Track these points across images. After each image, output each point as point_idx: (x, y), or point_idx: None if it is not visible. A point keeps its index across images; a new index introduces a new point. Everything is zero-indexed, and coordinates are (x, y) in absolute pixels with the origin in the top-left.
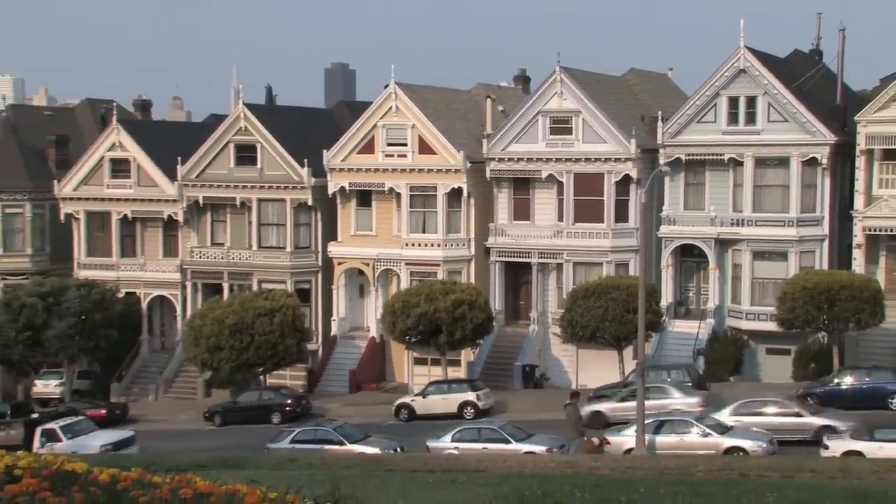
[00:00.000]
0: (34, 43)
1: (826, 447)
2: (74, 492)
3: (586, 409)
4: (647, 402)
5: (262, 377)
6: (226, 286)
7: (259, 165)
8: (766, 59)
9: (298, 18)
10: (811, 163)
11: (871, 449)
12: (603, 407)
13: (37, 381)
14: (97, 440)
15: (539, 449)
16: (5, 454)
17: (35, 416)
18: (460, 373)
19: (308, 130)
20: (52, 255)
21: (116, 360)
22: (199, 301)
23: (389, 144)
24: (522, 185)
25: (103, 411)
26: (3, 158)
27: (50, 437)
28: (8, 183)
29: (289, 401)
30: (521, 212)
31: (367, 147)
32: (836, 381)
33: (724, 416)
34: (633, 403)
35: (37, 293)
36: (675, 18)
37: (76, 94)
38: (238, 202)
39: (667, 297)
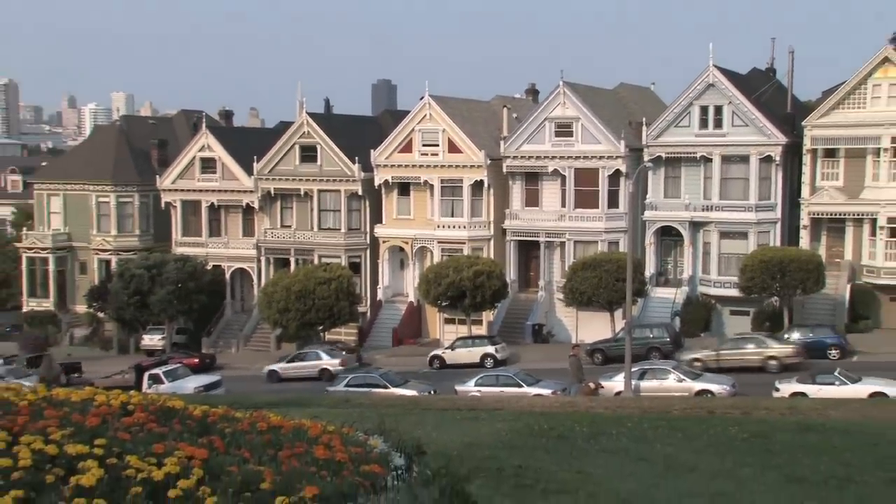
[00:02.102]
0: (141, 64)
1: (777, 389)
2: (174, 423)
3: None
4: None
5: (321, 333)
6: (292, 260)
7: (319, 163)
8: (730, 75)
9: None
10: (767, 160)
11: (812, 391)
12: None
13: (144, 336)
14: (191, 383)
15: (546, 392)
16: (121, 393)
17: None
18: (482, 330)
19: (358, 134)
20: (155, 236)
21: (206, 319)
22: (271, 272)
23: (424, 145)
24: (532, 178)
25: (196, 360)
26: (117, 159)
27: (155, 380)
28: (121, 178)
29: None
30: (531, 200)
31: (406, 147)
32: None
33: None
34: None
35: (143, 266)
36: (658, 40)
37: (174, 106)
38: (302, 192)
39: (650, 269)
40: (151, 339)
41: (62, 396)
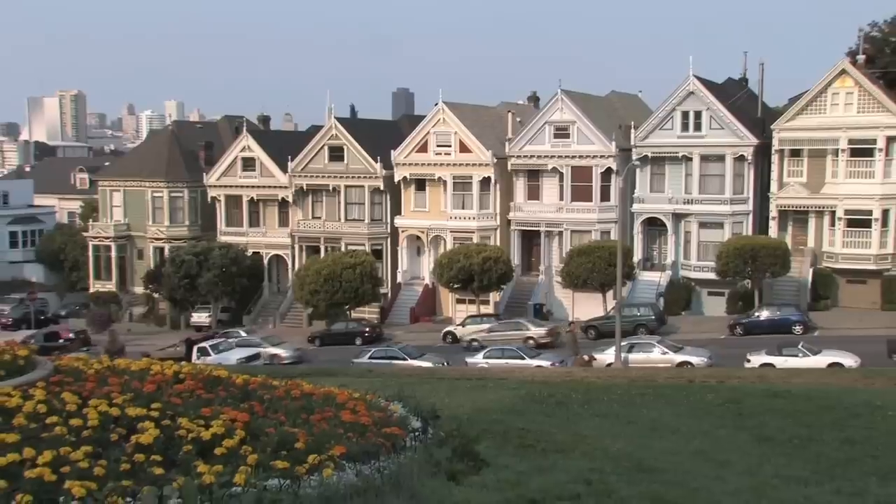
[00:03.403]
0: (192, 74)
1: (748, 361)
2: (220, 390)
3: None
4: None
5: (347, 312)
6: (322, 247)
7: (345, 161)
8: (708, 84)
9: (374, 56)
10: (740, 159)
11: (779, 362)
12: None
13: (193, 314)
14: (234, 355)
15: (546, 363)
16: (174, 363)
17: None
18: (489, 309)
19: (380, 136)
20: (202, 226)
21: (246, 299)
22: (303, 258)
23: (438, 146)
24: (534, 175)
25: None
26: (169, 159)
27: (203, 352)
28: (172, 176)
29: (367, 329)
30: (533, 194)
31: (422, 148)
32: (756, 314)
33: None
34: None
35: (192, 252)
36: (644, 53)
37: (218, 111)
38: (330, 188)
39: (637, 255)
40: (199, 317)
41: (123, 366)
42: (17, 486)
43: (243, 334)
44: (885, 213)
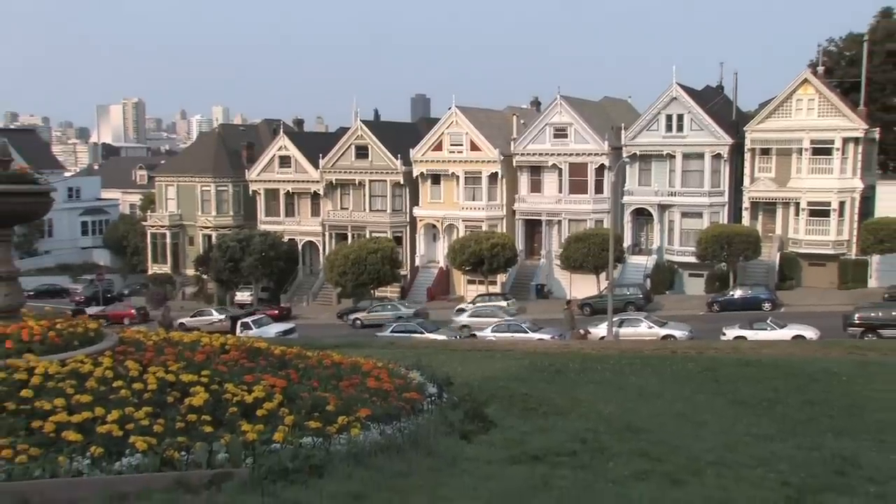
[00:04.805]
0: (236, 83)
1: (724, 334)
2: (260, 360)
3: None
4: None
5: (372, 291)
6: (349, 234)
7: (370, 159)
8: (689, 90)
9: (395, 65)
10: (717, 157)
11: (750, 334)
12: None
13: (237, 293)
14: (273, 329)
15: (546, 337)
16: (220, 336)
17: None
18: (496, 289)
19: (400, 136)
20: (244, 216)
21: (283, 280)
22: (332, 244)
23: (452, 145)
24: (536, 170)
25: (276, 311)
26: (216, 158)
27: (245, 326)
28: (219, 172)
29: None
30: (535, 187)
31: (438, 147)
32: (731, 293)
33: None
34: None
35: (236, 239)
36: (633, 63)
37: (259, 115)
38: (356, 182)
39: (627, 241)
40: (242, 296)
41: (177, 338)
42: (90, 439)
43: (402, 309)
44: (842, 204)
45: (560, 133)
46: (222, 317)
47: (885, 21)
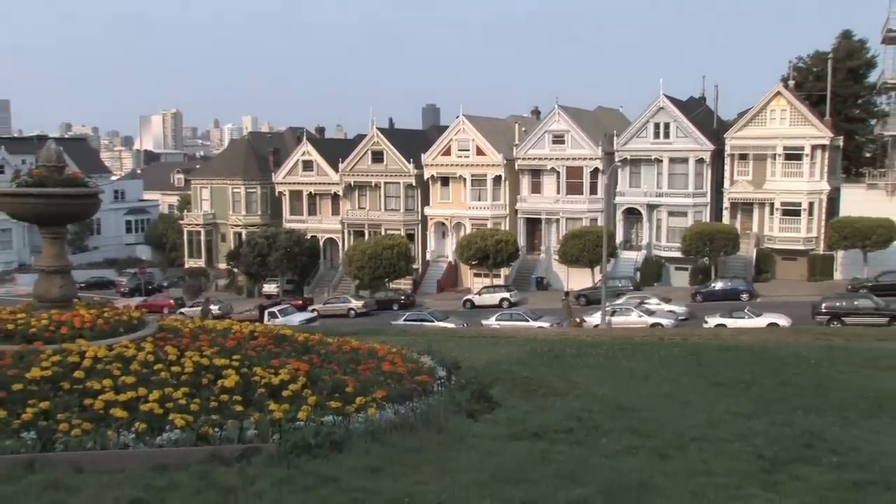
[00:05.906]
0: (264, 94)
1: (706, 322)
2: (286, 345)
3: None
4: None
5: (387, 283)
6: (366, 232)
7: (384, 163)
8: (675, 101)
9: (409, 79)
10: (700, 161)
11: (730, 322)
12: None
13: (265, 285)
14: (297, 318)
15: (546, 325)
16: (249, 324)
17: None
18: (500, 281)
19: (412, 142)
20: (271, 215)
21: (306, 274)
22: (351, 241)
23: (459, 150)
24: (536, 173)
25: (300, 302)
26: (246, 162)
27: (272, 315)
28: (248, 175)
29: (402, 297)
30: (535, 189)
31: (447, 152)
32: (713, 285)
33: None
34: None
35: (263, 236)
36: (624, 75)
37: (284, 123)
38: (373, 184)
39: (619, 238)
40: (269, 287)
41: (211, 325)
42: (135, 416)
43: (654, 301)
44: (811, 205)
45: (558, 139)
46: (360, 303)
47: (846, 41)
